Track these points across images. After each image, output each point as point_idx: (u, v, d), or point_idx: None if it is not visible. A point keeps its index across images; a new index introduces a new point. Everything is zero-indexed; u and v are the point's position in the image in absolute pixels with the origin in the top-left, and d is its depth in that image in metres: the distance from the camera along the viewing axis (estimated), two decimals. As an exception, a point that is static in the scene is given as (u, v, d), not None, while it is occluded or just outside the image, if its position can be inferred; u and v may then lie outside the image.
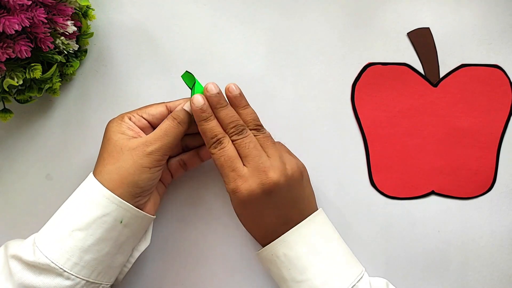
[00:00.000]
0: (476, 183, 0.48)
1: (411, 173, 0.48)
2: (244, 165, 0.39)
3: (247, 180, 0.38)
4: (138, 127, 0.41)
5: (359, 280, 0.40)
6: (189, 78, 0.41)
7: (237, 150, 0.40)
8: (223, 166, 0.39)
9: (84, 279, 0.37)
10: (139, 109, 0.42)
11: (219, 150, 0.39)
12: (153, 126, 0.42)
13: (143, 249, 0.43)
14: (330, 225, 0.43)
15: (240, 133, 0.40)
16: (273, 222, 0.40)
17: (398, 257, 0.48)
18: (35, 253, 0.36)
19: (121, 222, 0.38)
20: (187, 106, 0.41)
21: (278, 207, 0.40)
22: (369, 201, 0.48)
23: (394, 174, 0.48)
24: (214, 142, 0.40)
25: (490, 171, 0.48)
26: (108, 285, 0.40)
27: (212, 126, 0.40)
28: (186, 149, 0.45)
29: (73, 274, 0.37)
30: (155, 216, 0.42)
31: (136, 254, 0.43)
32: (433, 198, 0.48)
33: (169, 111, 0.42)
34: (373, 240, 0.48)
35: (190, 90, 0.41)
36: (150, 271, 0.48)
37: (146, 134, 0.41)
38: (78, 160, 0.48)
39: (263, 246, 0.42)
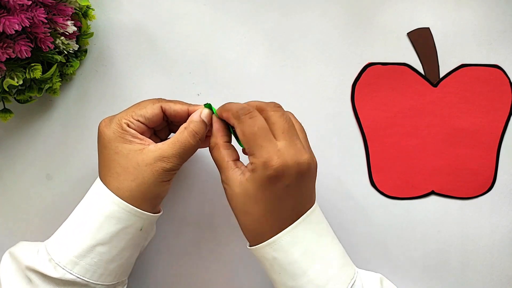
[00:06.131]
0: (476, 183, 0.48)
1: (411, 173, 0.48)
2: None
3: (283, 155, 0.34)
4: (138, 132, 0.38)
5: (353, 284, 0.38)
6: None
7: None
8: (256, 136, 0.34)
9: (106, 284, 0.38)
10: (132, 110, 0.38)
11: (250, 118, 0.35)
12: (148, 127, 0.39)
13: (150, 239, 0.45)
14: (325, 223, 0.40)
15: (276, 108, 0.36)
16: (287, 214, 0.36)
17: (398, 257, 0.48)
18: (57, 270, 0.36)
19: (141, 229, 0.39)
20: (204, 116, 0.38)
21: (301, 193, 0.36)
22: (369, 201, 0.48)
23: (394, 174, 0.48)
24: (242, 113, 0.35)
25: (490, 171, 0.48)
26: (126, 280, 0.42)
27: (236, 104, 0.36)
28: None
29: (99, 283, 0.37)
30: (162, 212, 0.43)
31: (145, 244, 0.44)
32: (433, 198, 0.48)
33: (164, 113, 0.39)
34: (373, 240, 0.48)
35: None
36: (155, 269, 0.48)
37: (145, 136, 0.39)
38: (78, 160, 0.48)
39: (253, 245, 0.38)
